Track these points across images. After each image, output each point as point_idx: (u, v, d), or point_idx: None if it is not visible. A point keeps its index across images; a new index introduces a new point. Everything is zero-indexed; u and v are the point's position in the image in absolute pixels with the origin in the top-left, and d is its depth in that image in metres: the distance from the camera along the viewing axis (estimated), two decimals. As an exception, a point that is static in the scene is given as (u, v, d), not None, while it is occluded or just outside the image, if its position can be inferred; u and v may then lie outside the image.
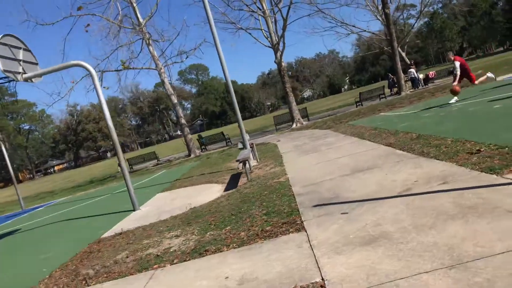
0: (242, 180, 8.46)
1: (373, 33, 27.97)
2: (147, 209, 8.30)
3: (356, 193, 4.90)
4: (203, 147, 24.97)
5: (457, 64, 12.06)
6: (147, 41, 21.06)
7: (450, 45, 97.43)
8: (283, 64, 21.79)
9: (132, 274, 4.18)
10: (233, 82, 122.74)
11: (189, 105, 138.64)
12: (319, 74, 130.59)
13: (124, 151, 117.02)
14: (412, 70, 25.32)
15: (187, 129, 22.84)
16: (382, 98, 24.46)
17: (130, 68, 20.43)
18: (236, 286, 3.19)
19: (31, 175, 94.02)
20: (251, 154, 10.26)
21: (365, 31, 26.09)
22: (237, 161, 8.25)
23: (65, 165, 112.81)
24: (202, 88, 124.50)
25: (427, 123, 9.22)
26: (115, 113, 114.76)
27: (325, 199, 5.03)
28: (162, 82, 22.12)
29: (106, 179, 24.55)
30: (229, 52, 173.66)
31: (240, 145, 10.45)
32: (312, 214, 4.53)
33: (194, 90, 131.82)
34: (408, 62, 27.54)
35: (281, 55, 21.47)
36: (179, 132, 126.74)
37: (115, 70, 20.58)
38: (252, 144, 10.81)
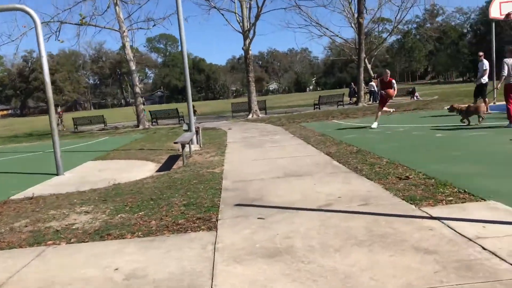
0: (178, 163, 8.17)
1: (344, 39, 28.22)
2: (71, 176, 7.84)
3: (281, 199, 4.78)
4: (154, 120, 24.29)
5: (374, 84, 12.71)
6: (115, 0, 20.05)
7: (416, 66, 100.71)
8: (250, 52, 21.49)
9: (22, 247, 3.83)
10: (201, 60, 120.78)
11: (152, 74, 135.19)
12: (288, 69, 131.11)
13: (76, 109, 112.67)
14: (373, 83, 25.79)
15: (140, 99, 22.09)
16: (340, 105, 24.78)
17: (90, 25, 19.39)
18: (121, 281, 2.95)
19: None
20: (194, 138, 9.98)
21: (337, 35, 26.30)
22: (175, 143, 7.95)
23: (9, 111, 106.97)
24: (169, 60, 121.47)
25: (371, 139, 9.31)
26: (73, 68, 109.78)
27: (249, 199, 4.87)
28: (123, 45, 21.20)
29: (47, 135, 23.38)
30: (202, 29, 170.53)
31: (185, 126, 10.12)
32: (230, 214, 4.36)
33: (160, 60, 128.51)
34: (372, 75, 28.05)
35: (249, 43, 21.15)
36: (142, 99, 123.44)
37: (74, 24, 19.45)
38: (198, 127, 10.51)
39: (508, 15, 14.54)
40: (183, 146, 7.73)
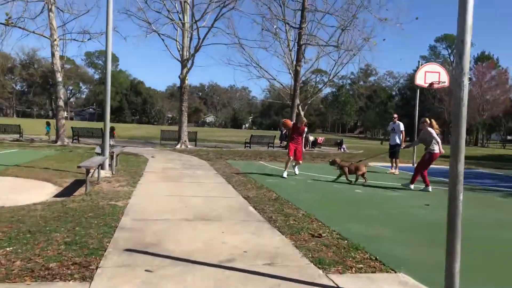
0: (81, 190, 7.33)
1: (281, 84, 28.81)
2: None
3: (180, 247, 4.23)
4: (75, 137, 22.70)
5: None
6: (49, 6, 18.88)
7: (347, 119, 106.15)
8: (186, 81, 21.07)
9: None
10: (140, 83, 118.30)
11: (86, 90, 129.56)
12: (227, 105, 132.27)
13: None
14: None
15: (62, 113, 20.61)
16: (271, 146, 24.89)
17: (17, 27, 17.98)
18: None
19: None
20: (107, 163, 9.15)
21: (275, 79, 26.73)
22: (78, 167, 7.14)
23: None
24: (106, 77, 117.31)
25: (292, 187, 9.10)
26: (0, 71, 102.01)
27: (143, 244, 4.27)
28: (52, 54, 19.85)
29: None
30: (144, 51, 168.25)
31: (98, 149, 9.28)
32: (115, 261, 3.73)
33: (97, 76, 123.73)
34: (305, 122, 28.67)
35: (187, 72, 20.75)
36: (65, 113, 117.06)
37: (3, 24, 17.91)
38: (113, 152, 9.71)
39: (431, 84, 15.58)
40: (87, 172, 6.94)
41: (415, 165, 12.67)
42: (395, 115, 13.31)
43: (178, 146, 20.85)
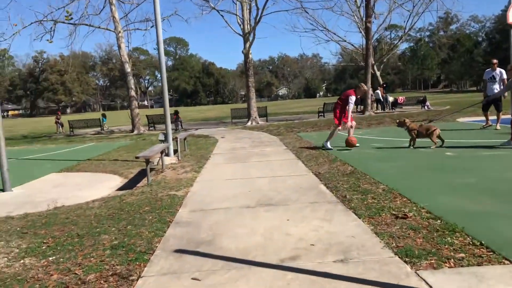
0: (145, 181, 7.08)
1: (351, 44, 27.03)
2: (18, 192, 6.80)
3: (236, 243, 3.65)
4: (151, 125, 23.33)
5: (379, 92, 10.82)
6: (110, -1, 19.17)
7: (428, 74, 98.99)
8: (250, 56, 20.41)
9: None
10: (211, 64, 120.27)
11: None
12: (298, 75, 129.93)
13: (85, 110, 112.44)
14: (378, 91, 24.56)
15: (135, 103, 21.13)
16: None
17: (83, 24, 18.51)
18: None
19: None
20: (170, 149, 8.88)
21: (344, 40, 25.08)
22: (136, 157, 6.86)
23: (20, 111, 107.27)
24: (178, 63, 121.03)
25: (370, 157, 8.13)
26: (83, 69, 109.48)
27: (196, 242, 3.75)
28: (118, 46, 20.31)
29: (41, 137, 22.57)
30: (212, 31, 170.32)
31: (161, 136, 9.03)
32: (160, 267, 3.24)
33: (170, 63, 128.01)
34: (381, 82, 26.80)
35: (249, 46, 20.09)
36: (145, 102, 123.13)
37: (67, 23, 18.57)
38: (176, 137, 9.42)
39: (528, 20, 13.26)
40: (147, 162, 6.63)
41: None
42: (495, 61, 11.46)
43: (249, 123, 20.45)
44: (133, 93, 20.98)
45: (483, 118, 11.96)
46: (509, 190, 4.85)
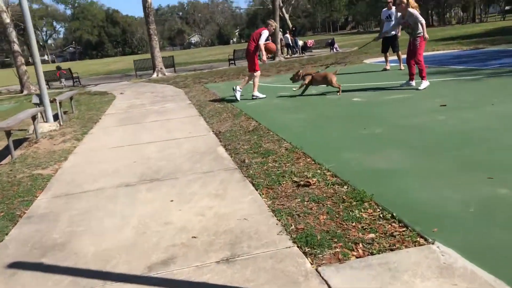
0: (16, 153, 5.80)
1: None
2: None
3: (96, 244, 2.80)
4: (47, 82, 20.72)
5: (289, 37, 10.42)
6: None
7: (337, 16, 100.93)
8: (149, 0, 18.48)
9: None
10: (115, 12, 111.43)
11: (62, 29, 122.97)
12: (210, 21, 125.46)
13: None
14: (287, 35, 24.04)
15: (20, 59, 18.38)
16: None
17: None
18: None
19: None
20: (49, 114, 7.53)
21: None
22: (-8, 129, 5.53)
23: None
24: (79, 12, 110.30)
25: (276, 107, 7.53)
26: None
27: (45, 247, 2.84)
28: (-10, -8, 17.18)
29: None
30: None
31: (35, 99, 7.59)
32: (-20, 295, 2.32)
33: (69, 12, 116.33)
34: (290, 26, 26.24)
35: (147, -11, 18.14)
36: (46, 57, 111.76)
37: None
38: (55, 99, 8.02)
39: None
40: (7, 134, 5.36)
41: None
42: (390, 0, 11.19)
43: (154, 75, 18.92)
44: (16, 47, 18.20)
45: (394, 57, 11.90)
46: (417, 139, 4.49)
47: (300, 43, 25.62)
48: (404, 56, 9.03)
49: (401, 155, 4.02)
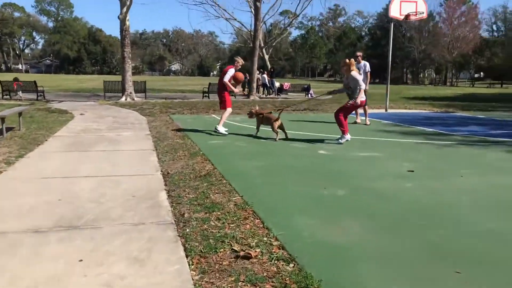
0: None
1: (241, 23, 26.00)
2: None
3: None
4: (5, 92, 19.69)
5: (266, 77, 10.54)
6: None
7: (316, 63, 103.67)
8: (127, 23, 18.08)
9: None
10: (99, 31, 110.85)
11: (41, 40, 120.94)
12: (193, 51, 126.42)
13: None
14: (265, 76, 24.03)
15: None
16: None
17: None
18: None
19: None
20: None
21: (234, 19, 23.90)
22: None
23: None
24: (61, 26, 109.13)
25: (237, 150, 7.02)
26: None
27: None
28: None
29: None
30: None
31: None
32: None
33: (51, 24, 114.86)
34: (269, 67, 26.33)
35: (126, 11, 17.76)
36: (20, 66, 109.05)
37: None
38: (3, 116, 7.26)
39: (407, 16, 13.44)
40: None
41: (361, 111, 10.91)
42: (359, 53, 11.16)
43: (123, 99, 18.24)
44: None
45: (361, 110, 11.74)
46: (381, 208, 4.04)
47: (277, 84, 25.64)
48: (370, 111, 8.90)
49: (361, 227, 3.54)
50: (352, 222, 3.67)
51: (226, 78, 8.59)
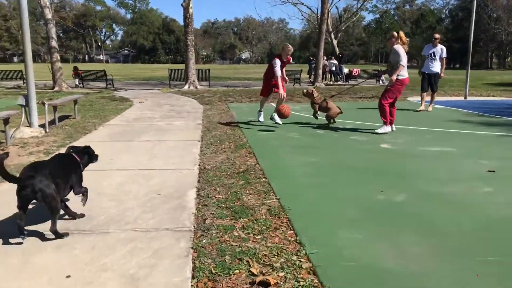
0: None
1: (308, 8, 24.90)
2: None
3: None
4: (79, 81, 20.63)
5: (335, 62, 9.60)
6: None
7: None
8: (190, 10, 17.95)
9: None
10: (172, 21, 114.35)
11: (120, 31, 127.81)
12: (263, 39, 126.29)
13: (35, 61, 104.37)
14: (333, 61, 22.86)
15: (57, 55, 18.30)
16: (297, 83, 21.71)
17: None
18: None
19: None
20: (34, 118, 6.76)
21: (302, 3, 22.94)
22: None
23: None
24: (137, 17, 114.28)
25: (287, 143, 6.35)
26: (33, 17, 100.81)
27: None
28: (37, -12, 17.28)
29: None
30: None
31: (21, 100, 6.84)
32: None
33: (129, 16, 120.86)
34: (337, 52, 25.09)
35: (189, -1, 17.63)
36: (101, 57, 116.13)
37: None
38: (43, 102, 7.25)
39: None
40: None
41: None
42: (437, 36, 9.95)
43: (186, 87, 18.24)
44: (54, 43, 18.15)
45: (429, 98, 10.61)
46: (450, 221, 3.20)
47: (345, 70, 24.38)
48: (446, 99, 7.84)
49: (423, 247, 2.77)
50: (411, 239, 2.90)
51: (278, 73, 7.58)
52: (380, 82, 22.81)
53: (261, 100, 8.49)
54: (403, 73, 6.88)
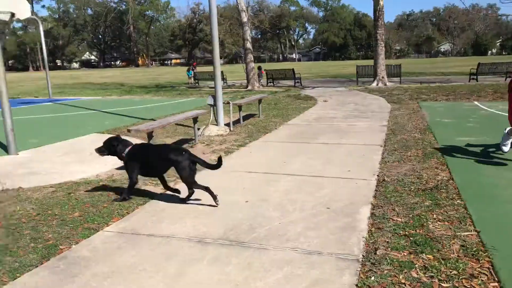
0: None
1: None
2: (19, 157, 5.87)
3: None
4: (269, 80, 21.79)
5: None
6: None
7: None
8: (381, 2, 16.87)
9: None
10: (364, 16, 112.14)
11: (312, 30, 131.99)
12: (467, 28, 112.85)
13: (236, 62, 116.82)
14: None
15: (250, 56, 19.65)
16: (509, 77, 18.33)
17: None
18: None
19: (151, 62, 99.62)
20: (220, 117, 7.11)
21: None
22: (128, 130, 5.28)
23: (181, 60, 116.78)
24: (329, 15, 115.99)
25: (494, 161, 5.11)
26: (236, 21, 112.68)
27: None
28: (237, -6, 18.82)
29: (167, 87, 23.10)
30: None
31: (209, 100, 7.26)
32: None
33: (321, 14, 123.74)
34: None
35: (381, -11, 16.57)
36: (293, 55, 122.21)
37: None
38: (229, 102, 7.55)
39: None
40: (149, 136, 4.99)
41: None
42: None
43: (374, 84, 17.31)
44: (249, 45, 19.54)
45: None
46: None
47: None
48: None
49: None
50: None
51: None
52: None
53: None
54: None
